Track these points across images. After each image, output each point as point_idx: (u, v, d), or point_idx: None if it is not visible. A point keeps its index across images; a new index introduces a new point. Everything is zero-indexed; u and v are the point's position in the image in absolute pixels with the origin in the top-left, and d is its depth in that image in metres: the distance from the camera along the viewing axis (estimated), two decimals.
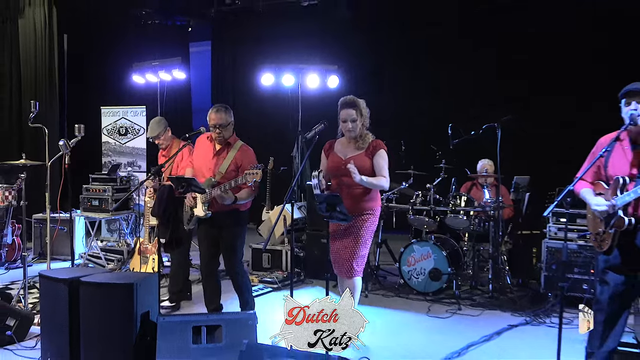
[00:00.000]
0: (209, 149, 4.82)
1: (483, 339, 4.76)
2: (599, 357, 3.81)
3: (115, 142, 9.11)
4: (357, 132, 4.36)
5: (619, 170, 3.62)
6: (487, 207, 6.09)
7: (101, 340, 3.90)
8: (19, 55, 9.20)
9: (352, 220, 4.25)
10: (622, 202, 3.50)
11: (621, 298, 3.73)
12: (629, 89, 3.61)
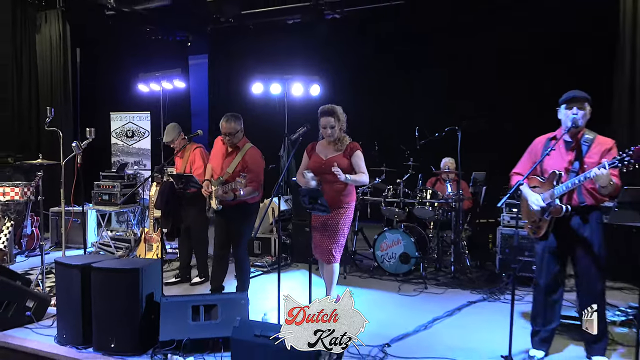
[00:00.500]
0: (221, 151, 4.89)
1: (446, 314, 4.77)
2: (544, 334, 3.84)
3: (123, 143, 9.01)
4: (335, 137, 4.36)
5: (554, 165, 3.68)
6: (449, 199, 6.13)
7: (111, 318, 3.87)
8: (36, 67, 9.07)
9: (331, 212, 4.22)
10: (559, 192, 3.56)
11: (556, 278, 3.78)
12: (571, 96, 3.64)
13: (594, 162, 3.53)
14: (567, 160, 3.66)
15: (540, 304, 3.84)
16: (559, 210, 3.57)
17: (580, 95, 3.62)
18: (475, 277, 5.95)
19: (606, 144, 3.60)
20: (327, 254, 4.42)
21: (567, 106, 3.63)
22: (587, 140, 3.63)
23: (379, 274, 6.12)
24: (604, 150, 3.57)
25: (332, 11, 8.97)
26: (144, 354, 3.80)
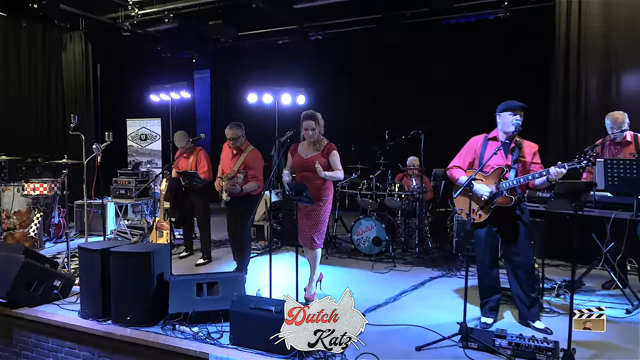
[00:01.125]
0: (229, 153, 5.04)
1: (412, 288, 4.79)
2: (492, 304, 3.89)
3: (137, 145, 8.87)
4: (315, 138, 4.31)
5: (493, 162, 3.70)
6: (414, 192, 6.14)
7: (126, 295, 3.82)
8: (62, 80, 8.90)
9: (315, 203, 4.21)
10: (508, 186, 3.61)
11: (493, 256, 3.84)
12: (517, 105, 3.67)
13: (529, 161, 3.66)
14: (509, 159, 3.71)
15: (486, 279, 3.89)
16: (508, 200, 3.61)
17: (521, 104, 3.66)
18: (436, 256, 5.97)
19: (534, 147, 3.73)
20: (310, 241, 4.38)
21: (514, 113, 3.65)
22: (519, 143, 3.71)
23: (355, 255, 6.11)
24: (534, 152, 3.70)
25: (316, 33, 8.95)
26: (155, 325, 3.76)
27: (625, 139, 4.45)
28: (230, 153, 5.00)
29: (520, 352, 3.19)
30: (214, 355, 3.29)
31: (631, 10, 5.40)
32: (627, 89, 5.48)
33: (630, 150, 4.41)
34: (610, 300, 4.34)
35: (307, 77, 8.84)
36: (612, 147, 4.53)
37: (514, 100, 3.69)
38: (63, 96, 8.92)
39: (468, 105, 7.74)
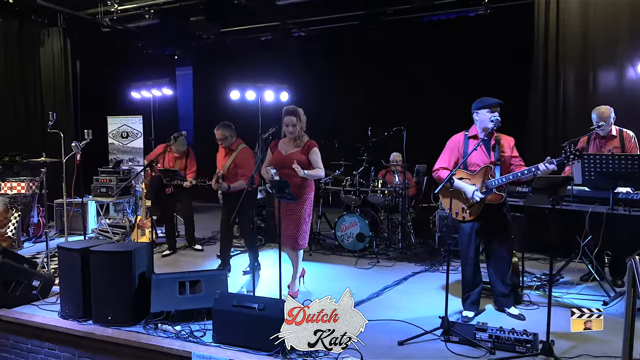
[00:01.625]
0: (222, 152, 5.11)
1: (394, 283, 4.82)
2: (473, 297, 3.95)
3: (118, 143, 8.75)
4: (296, 134, 4.23)
5: (479, 161, 3.74)
6: (397, 188, 6.17)
7: (108, 295, 3.77)
8: (40, 77, 8.71)
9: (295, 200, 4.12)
10: (497, 183, 3.64)
11: (476, 250, 3.90)
12: (495, 101, 3.70)
13: (508, 155, 3.72)
14: (492, 156, 3.74)
15: (470, 274, 3.93)
16: (499, 197, 3.66)
17: (498, 101, 3.71)
18: (419, 252, 6.02)
19: (511, 141, 3.80)
20: (293, 242, 4.29)
21: (491, 110, 3.69)
22: (498, 139, 3.77)
23: (339, 251, 6.12)
24: (512, 146, 3.78)
25: (298, 30, 8.91)
26: (137, 324, 3.73)
27: (611, 133, 4.51)
28: (223, 152, 5.07)
29: (500, 345, 3.24)
30: (197, 353, 3.27)
31: (608, 9, 5.49)
32: (603, 86, 5.58)
33: (615, 144, 4.48)
34: (588, 292, 4.43)
35: (290, 74, 8.81)
36: (597, 140, 4.59)
37: (490, 97, 3.74)
38: (41, 93, 8.74)
39: (450, 102, 7.77)
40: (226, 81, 8.68)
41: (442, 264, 5.41)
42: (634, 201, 3.81)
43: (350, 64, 8.78)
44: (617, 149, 4.42)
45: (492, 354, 3.19)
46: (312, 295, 4.46)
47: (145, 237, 6.08)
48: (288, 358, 3.12)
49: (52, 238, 6.65)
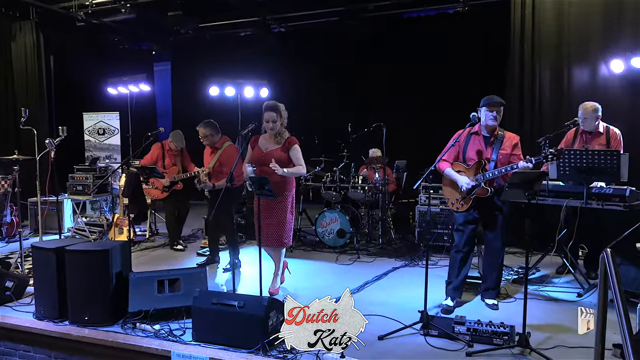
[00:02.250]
0: (208, 149, 5.15)
1: (375, 278, 4.84)
2: (455, 283, 4.05)
3: (95, 140, 8.58)
4: (277, 130, 4.16)
5: (475, 156, 3.86)
6: (377, 184, 6.20)
7: (84, 294, 3.69)
8: (13, 72, 8.47)
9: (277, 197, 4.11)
10: (486, 178, 3.75)
11: (470, 242, 4.01)
12: (494, 101, 3.82)
13: (507, 153, 3.81)
14: (488, 151, 3.85)
15: (455, 260, 4.06)
16: (485, 191, 3.77)
17: (498, 100, 3.81)
18: (399, 247, 6.06)
19: (514, 139, 3.88)
20: (277, 241, 4.22)
21: (489, 108, 3.80)
22: (500, 136, 3.85)
23: (320, 247, 6.13)
24: (514, 144, 3.85)
25: (278, 25, 8.86)
26: (115, 324, 3.66)
27: (597, 129, 4.58)
28: (209, 150, 5.08)
29: (478, 337, 3.29)
30: (176, 352, 3.23)
31: (581, 9, 5.60)
32: (577, 83, 5.70)
33: (601, 141, 4.55)
34: (563, 284, 4.53)
35: (270, 70, 8.76)
36: (584, 135, 4.65)
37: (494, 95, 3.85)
38: (14, 89, 8.49)
39: (429, 98, 7.86)
40: (205, 77, 8.59)
41: (422, 258, 5.44)
42: (607, 195, 3.90)
43: (330, 60, 8.77)
44: (603, 145, 4.48)
45: (470, 347, 3.23)
46: (293, 290, 4.46)
47: (123, 236, 6.00)
48: (269, 355, 3.12)
49: (26, 237, 6.50)
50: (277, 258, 4.42)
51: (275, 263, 4.46)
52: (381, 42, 8.43)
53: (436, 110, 7.61)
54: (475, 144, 3.88)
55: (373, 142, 6.69)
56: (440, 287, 4.47)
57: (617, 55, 5.30)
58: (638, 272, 3.89)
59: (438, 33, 7.92)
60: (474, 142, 3.89)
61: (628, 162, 3.91)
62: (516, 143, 3.85)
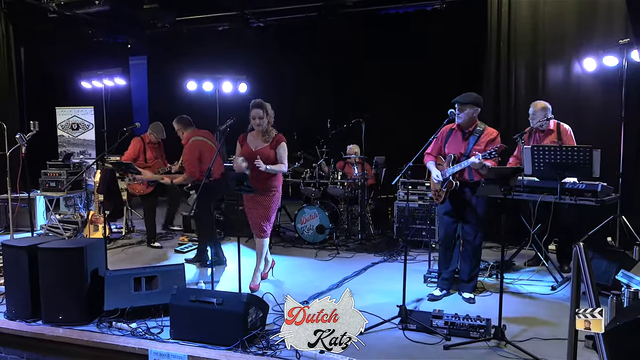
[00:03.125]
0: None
1: (354, 274, 4.86)
2: (446, 274, 4.20)
3: (69, 135, 8.38)
4: (263, 128, 4.27)
5: (453, 150, 3.99)
6: (356, 179, 6.22)
7: (58, 293, 3.61)
8: None
9: (263, 194, 4.26)
10: (451, 172, 3.87)
11: (452, 233, 4.13)
12: (455, 100, 3.91)
13: (481, 149, 3.87)
14: (462, 146, 3.96)
15: (442, 253, 4.20)
16: (451, 184, 3.91)
17: (459, 100, 3.91)
18: (378, 242, 6.10)
19: (492, 134, 3.95)
20: (259, 230, 4.37)
21: (460, 108, 3.92)
22: (478, 131, 3.95)
23: (299, 243, 6.13)
24: (489, 140, 3.92)
25: (257, 20, 8.79)
26: (90, 323, 3.59)
27: (549, 127, 4.73)
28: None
29: (455, 331, 3.35)
30: (154, 350, 3.19)
31: (556, 9, 5.70)
32: (552, 80, 5.81)
33: (552, 138, 4.70)
34: (537, 278, 4.63)
35: (249, 65, 8.68)
36: (537, 134, 4.80)
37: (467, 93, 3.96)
38: None
39: (407, 95, 7.91)
40: (182, 71, 8.46)
41: (401, 254, 5.48)
42: (580, 191, 4.00)
43: (309, 56, 8.74)
44: (555, 142, 4.63)
45: (447, 340, 3.28)
46: (274, 286, 4.45)
47: (98, 233, 5.89)
48: (248, 352, 3.11)
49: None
50: (259, 250, 4.47)
51: (257, 257, 4.49)
52: (360, 39, 8.44)
53: (415, 107, 7.68)
54: (453, 139, 4.03)
55: (352, 138, 6.71)
56: (418, 281, 4.54)
57: (590, 54, 5.42)
58: (609, 265, 4.00)
59: (416, 30, 7.97)
60: (453, 137, 4.04)
61: (600, 158, 4.01)
62: (492, 139, 3.91)
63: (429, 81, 7.70)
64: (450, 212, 4.08)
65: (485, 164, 3.70)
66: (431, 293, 4.17)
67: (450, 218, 4.10)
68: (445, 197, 4.01)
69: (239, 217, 5.78)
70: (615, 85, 5.32)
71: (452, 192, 3.96)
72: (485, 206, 4.04)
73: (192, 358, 3.11)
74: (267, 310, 3.52)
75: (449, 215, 4.10)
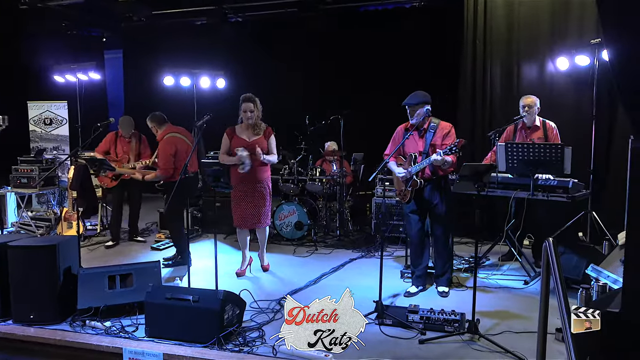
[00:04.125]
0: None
1: (332, 270, 4.88)
2: (419, 272, 4.23)
3: (41, 130, 8.17)
4: (254, 121, 4.44)
5: (412, 149, 4.04)
6: (334, 176, 6.24)
7: (29, 292, 3.54)
8: None
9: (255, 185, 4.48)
10: (414, 170, 3.92)
11: (420, 231, 4.16)
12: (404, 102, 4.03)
13: (439, 144, 3.94)
14: (420, 144, 4.01)
15: (412, 251, 4.25)
16: (416, 183, 3.94)
17: (408, 102, 4.00)
18: (356, 238, 6.13)
19: (446, 128, 4.01)
20: (259, 220, 4.57)
21: (411, 110, 4.01)
22: (433, 127, 4.00)
23: (278, 239, 6.11)
24: (445, 134, 3.99)
25: (235, 15, 8.69)
26: (63, 322, 3.54)
27: (535, 123, 4.80)
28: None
29: (430, 325, 3.40)
30: (128, 349, 3.16)
31: (531, 9, 5.80)
32: (527, 78, 5.92)
33: (539, 135, 4.77)
34: (511, 273, 4.73)
35: (227, 60, 8.60)
36: (523, 130, 4.87)
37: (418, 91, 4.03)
38: None
39: (386, 92, 7.92)
40: (159, 66, 8.32)
41: (378, 250, 5.49)
42: (552, 187, 4.09)
43: (287, 52, 8.70)
44: (541, 139, 4.71)
45: (423, 335, 3.33)
46: (252, 283, 4.44)
47: (72, 230, 5.78)
48: (225, 349, 3.10)
49: None
50: (262, 237, 4.78)
51: (260, 242, 4.83)
52: (339, 35, 8.43)
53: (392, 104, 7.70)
54: (410, 139, 4.06)
55: (331, 135, 6.72)
56: (395, 277, 4.58)
57: (563, 53, 5.54)
58: (579, 259, 4.11)
59: (394, 28, 8.01)
60: (411, 137, 4.06)
61: (571, 155, 4.11)
62: (447, 132, 3.99)
63: (407, 78, 7.74)
64: (416, 210, 4.13)
65: (446, 160, 3.78)
66: (407, 290, 4.21)
67: (416, 216, 4.14)
68: (411, 197, 4.05)
69: (216, 214, 5.76)
70: (587, 84, 5.45)
71: (417, 190, 4.01)
72: (450, 201, 4.10)
73: (168, 356, 3.09)
74: (244, 307, 3.51)
75: (415, 213, 4.14)
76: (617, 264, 3.46)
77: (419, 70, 7.69)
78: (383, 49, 8.02)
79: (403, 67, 7.85)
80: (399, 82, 7.83)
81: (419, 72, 7.66)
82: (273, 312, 3.74)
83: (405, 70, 7.80)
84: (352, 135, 6.26)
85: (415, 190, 4.00)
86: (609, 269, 3.47)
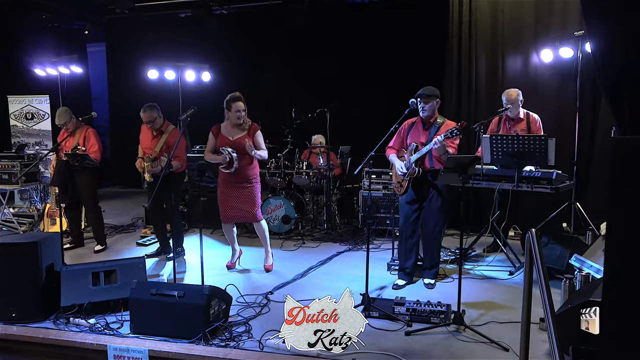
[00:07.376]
0: (148, 134, 4.94)
1: (319, 263, 4.89)
2: (408, 267, 4.24)
3: (23, 125, 8.03)
4: (243, 119, 4.41)
5: (414, 140, 4.08)
6: (321, 169, 6.22)
7: (11, 290, 3.49)
8: None
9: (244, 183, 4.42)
10: (414, 158, 3.95)
11: (414, 224, 4.17)
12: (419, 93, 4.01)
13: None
14: (424, 136, 4.05)
15: (403, 246, 4.23)
16: (413, 172, 3.98)
17: (423, 93, 3.99)
18: (343, 232, 6.14)
19: (449, 125, 4.01)
20: (252, 217, 4.51)
21: (419, 100, 4.00)
22: (437, 124, 4.05)
23: None
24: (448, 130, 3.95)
25: (220, 7, 8.58)
26: (46, 319, 3.49)
27: (518, 115, 4.84)
28: (150, 134, 4.93)
29: (417, 317, 3.42)
30: (113, 346, 3.13)
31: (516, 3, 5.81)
32: (511, 71, 5.95)
33: (522, 126, 4.81)
34: (496, 264, 4.78)
35: (212, 53, 8.51)
36: (506, 122, 4.91)
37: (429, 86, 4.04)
38: None
39: (372, 85, 7.93)
40: (143, 59, 8.21)
41: (365, 242, 5.55)
42: (536, 178, 4.13)
43: (273, 45, 8.64)
44: (524, 131, 4.76)
45: (409, 326, 3.35)
46: (237, 278, 4.41)
47: (56, 227, 5.69)
48: (211, 344, 3.09)
49: None
50: (261, 234, 4.68)
51: (263, 241, 4.72)
52: (324, 28, 8.37)
53: (379, 97, 7.71)
54: (415, 131, 4.12)
55: (317, 128, 6.69)
56: (382, 269, 4.60)
57: (547, 45, 5.57)
58: (563, 250, 4.17)
59: (381, 19, 7.98)
60: (414, 130, 4.13)
61: (555, 146, 4.14)
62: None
63: (393, 72, 7.75)
64: (412, 200, 4.14)
65: (447, 150, 3.82)
66: (395, 282, 4.23)
67: (411, 206, 4.16)
68: (408, 187, 4.08)
69: (202, 209, 5.72)
70: (570, 76, 5.50)
71: (414, 180, 4.02)
72: (446, 195, 4.11)
73: (153, 352, 3.07)
74: (230, 302, 3.50)
75: (410, 204, 4.16)
76: (600, 254, 3.50)
77: (405, 63, 7.69)
78: (369, 42, 7.99)
79: (388, 60, 7.84)
80: (385, 75, 7.86)
81: (404, 65, 7.66)
82: (260, 306, 3.73)
83: (390, 63, 7.80)
84: (339, 128, 6.25)
85: (413, 180, 4.02)
86: (591, 258, 3.51)
